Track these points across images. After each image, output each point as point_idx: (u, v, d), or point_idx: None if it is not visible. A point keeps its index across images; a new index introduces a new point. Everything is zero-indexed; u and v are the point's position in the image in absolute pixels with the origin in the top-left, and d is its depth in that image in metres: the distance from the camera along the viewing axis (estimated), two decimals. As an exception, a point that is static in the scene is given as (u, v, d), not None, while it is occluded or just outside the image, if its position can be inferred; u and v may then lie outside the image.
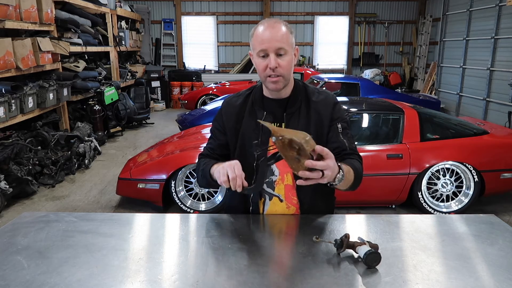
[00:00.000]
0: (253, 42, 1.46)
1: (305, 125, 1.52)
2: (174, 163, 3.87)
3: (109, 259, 1.30)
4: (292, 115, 1.54)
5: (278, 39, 1.41)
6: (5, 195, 4.00)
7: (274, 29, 1.43)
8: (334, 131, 1.54)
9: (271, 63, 1.41)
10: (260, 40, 1.43)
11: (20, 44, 4.68)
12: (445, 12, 9.41)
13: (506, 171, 3.91)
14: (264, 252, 1.35)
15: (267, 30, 1.43)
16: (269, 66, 1.42)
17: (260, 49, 1.43)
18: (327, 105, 1.55)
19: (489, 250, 1.37)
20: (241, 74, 11.24)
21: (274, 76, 1.44)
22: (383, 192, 3.91)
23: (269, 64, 1.42)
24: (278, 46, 1.41)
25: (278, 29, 1.43)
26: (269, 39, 1.41)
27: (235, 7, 11.39)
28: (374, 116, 4.25)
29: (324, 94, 1.59)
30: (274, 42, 1.41)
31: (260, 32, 1.44)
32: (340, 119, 1.55)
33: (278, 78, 1.44)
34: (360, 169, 1.48)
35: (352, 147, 1.54)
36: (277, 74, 1.43)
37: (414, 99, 7.16)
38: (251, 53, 1.53)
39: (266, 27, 1.44)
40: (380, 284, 1.17)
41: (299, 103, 1.55)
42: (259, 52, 1.44)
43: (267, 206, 1.62)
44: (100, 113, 6.71)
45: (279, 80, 1.45)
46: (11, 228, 1.54)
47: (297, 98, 1.55)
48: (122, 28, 9.22)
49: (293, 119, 1.53)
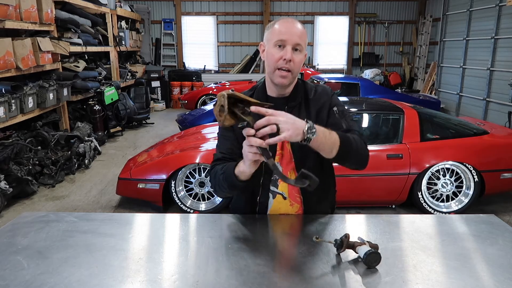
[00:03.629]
0: (271, 33, 1.48)
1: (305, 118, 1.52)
2: (174, 163, 3.87)
3: (109, 259, 1.30)
4: (292, 109, 1.54)
5: (298, 34, 1.45)
6: (5, 195, 4.00)
7: (295, 25, 1.46)
8: (331, 115, 1.57)
9: (287, 54, 1.43)
10: (280, 32, 1.45)
11: (20, 44, 4.68)
12: (445, 12, 9.41)
13: (506, 171, 3.90)
14: (264, 252, 1.35)
15: (289, 23, 1.46)
16: (283, 57, 1.43)
17: (279, 38, 1.44)
18: (324, 95, 1.58)
19: (489, 250, 1.37)
20: (241, 74, 11.26)
21: (285, 69, 1.45)
22: (383, 192, 3.91)
23: (284, 55, 1.43)
24: (297, 41, 1.44)
25: (298, 26, 1.47)
26: (290, 32, 1.44)
27: (235, 7, 11.39)
28: (374, 116, 4.25)
29: (321, 87, 1.62)
30: (294, 36, 1.44)
31: (281, 24, 1.47)
32: (337, 105, 1.58)
33: (288, 73, 1.46)
34: (354, 140, 1.43)
35: (349, 126, 1.53)
36: (288, 68, 1.44)
37: (414, 99, 7.17)
38: (263, 44, 1.53)
39: (288, 22, 1.47)
40: (380, 284, 1.17)
41: (299, 98, 1.57)
42: (276, 41, 1.45)
43: (271, 204, 1.62)
44: (100, 113, 6.71)
45: (287, 76, 1.46)
46: (11, 228, 1.54)
47: (298, 95, 1.57)
48: (122, 28, 9.22)
49: (293, 113, 1.53)
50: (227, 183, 1.45)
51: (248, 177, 1.39)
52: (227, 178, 1.44)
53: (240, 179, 1.40)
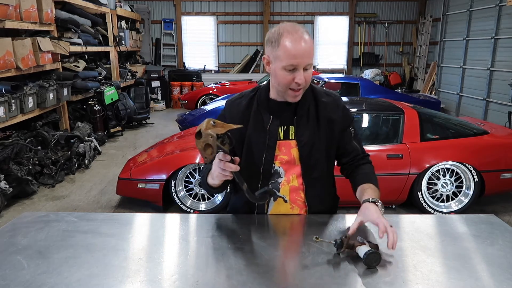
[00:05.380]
0: (280, 53, 1.37)
1: (314, 126, 1.53)
2: (174, 163, 3.87)
3: (109, 259, 1.30)
4: (301, 118, 1.53)
5: (309, 55, 1.38)
6: (5, 195, 4.00)
7: (306, 44, 1.37)
8: (348, 136, 1.60)
9: (301, 78, 1.38)
10: (292, 55, 1.35)
11: (20, 44, 4.68)
12: (445, 12, 9.41)
13: (506, 171, 3.90)
14: (264, 252, 1.35)
15: (299, 43, 1.36)
16: (295, 81, 1.39)
17: (290, 63, 1.36)
18: (336, 108, 1.56)
19: (489, 250, 1.37)
20: (241, 74, 11.26)
21: (297, 89, 1.42)
22: (383, 192, 3.84)
23: (296, 79, 1.38)
24: (309, 62, 1.39)
25: (309, 44, 1.38)
26: (302, 55, 1.36)
27: (235, 7, 11.39)
28: (374, 116, 4.25)
29: (331, 96, 1.59)
30: (305, 59, 1.37)
31: (291, 45, 1.36)
32: (351, 123, 1.62)
33: (300, 91, 1.44)
34: (375, 176, 1.61)
35: (362, 150, 1.65)
36: (301, 88, 1.42)
37: (414, 99, 7.17)
38: (267, 58, 1.45)
39: (297, 40, 1.36)
40: (380, 284, 1.17)
41: (307, 105, 1.54)
42: (287, 66, 1.37)
43: (271, 206, 1.62)
44: (100, 113, 6.71)
45: (300, 93, 1.45)
46: (11, 228, 1.53)
47: (306, 100, 1.53)
48: (122, 28, 9.22)
49: (302, 121, 1.53)
50: (204, 188, 1.59)
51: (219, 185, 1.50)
52: (203, 184, 1.57)
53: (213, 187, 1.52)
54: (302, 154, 1.53)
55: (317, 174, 1.56)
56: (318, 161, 1.54)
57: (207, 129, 1.25)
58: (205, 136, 1.24)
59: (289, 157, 1.55)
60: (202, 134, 1.24)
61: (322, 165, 1.56)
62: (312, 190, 1.58)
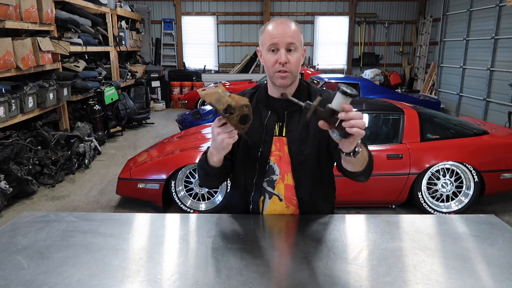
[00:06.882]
0: (263, 38, 1.47)
1: (305, 124, 1.52)
2: (174, 163, 3.87)
3: (109, 259, 1.30)
4: (293, 114, 1.54)
5: (290, 34, 1.43)
6: (5, 195, 4.00)
7: (286, 25, 1.45)
8: None
9: (281, 57, 1.42)
10: (271, 35, 1.44)
11: (20, 44, 4.68)
12: (445, 12, 9.41)
13: (506, 171, 3.91)
14: (264, 252, 1.35)
15: (279, 25, 1.45)
16: (278, 61, 1.43)
17: (271, 43, 1.43)
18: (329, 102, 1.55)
19: (489, 250, 1.37)
20: (241, 74, 11.27)
21: (283, 71, 1.44)
22: (383, 192, 3.91)
23: (279, 59, 1.43)
24: (289, 41, 1.43)
25: (289, 25, 1.45)
26: (281, 34, 1.43)
27: (235, 7, 11.39)
28: (374, 116, 4.25)
29: (325, 94, 1.58)
30: (285, 37, 1.42)
31: (271, 28, 1.46)
32: None
33: (287, 74, 1.45)
34: (371, 154, 1.46)
35: None
36: (286, 69, 1.44)
37: (414, 99, 7.17)
38: (259, 49, 1.54)
39: (278, 23, 1.46)
40: (380, 284, 1.17)
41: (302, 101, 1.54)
42: (269, 46, 1.44)
43: (267, 205, 1.62)
44: (100, 113, 6.72)
45: (287, 76, 1.46)
46: (11, 228, 1.53)
47: (300, 98, 1.54)
48: (122, 28, 9.22)
49: (293, 118, 1.54)
50: (202, 171, 1.53)
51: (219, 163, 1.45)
52: (202, 165, 1.51)
53: (211, 164, 1.46)
54: (291, 150, 1.54)
55: (308, 172, 1.55)
56: (308, 157, 1.53)
57: (236, 101, 1.21)
58: (240, 108, 1.22)
59: (282, 154, 1.56)
60: (235, 108, 1.21)
61: (313, 162, 1.55)
62: (303, 188, 1.57)
